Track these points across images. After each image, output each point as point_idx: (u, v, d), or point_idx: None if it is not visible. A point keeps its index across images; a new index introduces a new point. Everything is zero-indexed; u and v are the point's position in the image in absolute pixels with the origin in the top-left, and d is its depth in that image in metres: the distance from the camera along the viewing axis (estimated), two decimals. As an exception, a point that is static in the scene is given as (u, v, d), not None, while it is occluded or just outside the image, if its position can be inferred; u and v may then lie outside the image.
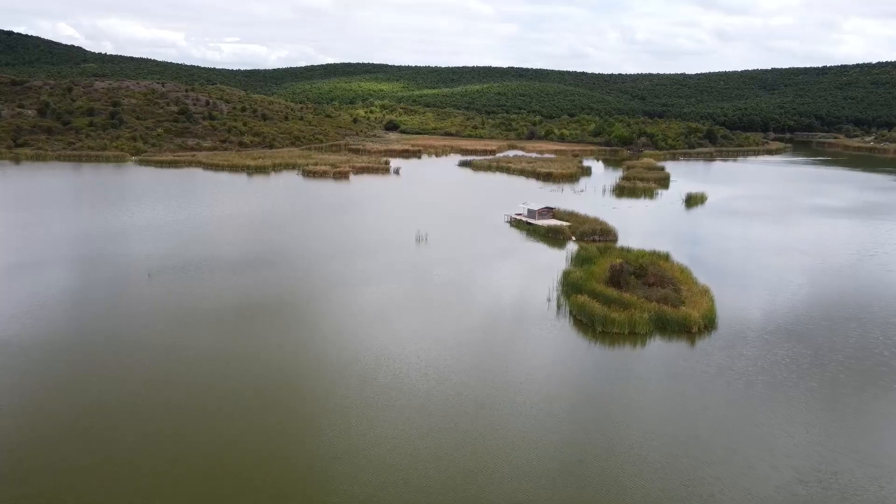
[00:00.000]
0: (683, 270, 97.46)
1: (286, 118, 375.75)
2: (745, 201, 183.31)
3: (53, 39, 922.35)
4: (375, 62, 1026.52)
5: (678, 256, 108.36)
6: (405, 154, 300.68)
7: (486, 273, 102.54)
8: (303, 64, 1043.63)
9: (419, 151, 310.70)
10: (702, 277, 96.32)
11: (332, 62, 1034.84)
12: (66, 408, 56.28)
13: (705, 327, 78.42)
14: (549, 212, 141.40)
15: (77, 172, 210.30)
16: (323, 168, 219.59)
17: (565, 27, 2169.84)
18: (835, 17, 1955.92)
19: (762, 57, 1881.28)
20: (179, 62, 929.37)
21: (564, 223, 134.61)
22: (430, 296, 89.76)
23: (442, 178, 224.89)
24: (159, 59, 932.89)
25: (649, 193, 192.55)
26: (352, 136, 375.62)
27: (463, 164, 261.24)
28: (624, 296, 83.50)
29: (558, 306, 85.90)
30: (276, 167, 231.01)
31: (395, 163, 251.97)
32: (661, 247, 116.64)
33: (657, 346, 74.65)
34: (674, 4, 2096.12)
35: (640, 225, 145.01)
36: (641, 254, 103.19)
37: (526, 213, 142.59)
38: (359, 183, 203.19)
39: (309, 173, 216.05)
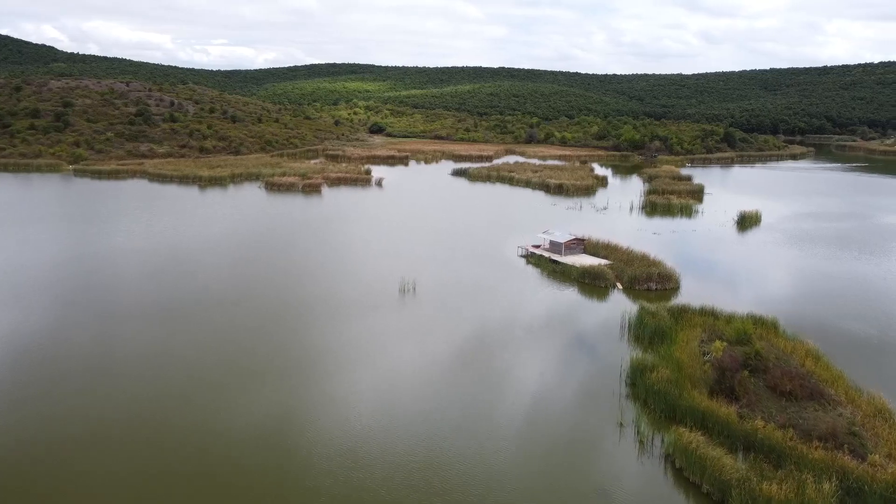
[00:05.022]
0: (819, 358, 61.75)
1: (259, 120, 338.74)
2: (810, 221, 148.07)
3: (35, 41, 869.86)
4: (362, 62, 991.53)
5: (779, 318, 72.73)
6: (390, 161, 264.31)
7: (504, 355, 66.56)
8: (289, 66, 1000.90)
9: (406, 158, 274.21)
10: (839, 365, 61.32)
11: (318, 63, 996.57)
12: None
13: (925, 500, 43.22)
14: (580, 244, 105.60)
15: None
16: (290, 179, 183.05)
17: (553, 29, 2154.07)
18: (819, 20, 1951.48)
19: (748, 58, 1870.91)
20: (164, 64, 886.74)
21: (603, 261, 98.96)
22: (417, 413, 53.83)
23: (433, 191, 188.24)
24: (147, 61, 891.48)
25: (687, 211, 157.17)
26: (332, 140, 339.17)
27: (457, 172, 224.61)
28: (758, 427, 47.94)
29: (641, 440, 50.32)
30: (236, 178, 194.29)
31: (377, 172, 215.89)
32: (737, 298, 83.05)
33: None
34: (660, 7, 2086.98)
35: (694, 258, 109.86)
36: (741, 324, 67.10)
37: (548, 244, 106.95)
38: (332, 198, 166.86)
39: (273, 186, 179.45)
